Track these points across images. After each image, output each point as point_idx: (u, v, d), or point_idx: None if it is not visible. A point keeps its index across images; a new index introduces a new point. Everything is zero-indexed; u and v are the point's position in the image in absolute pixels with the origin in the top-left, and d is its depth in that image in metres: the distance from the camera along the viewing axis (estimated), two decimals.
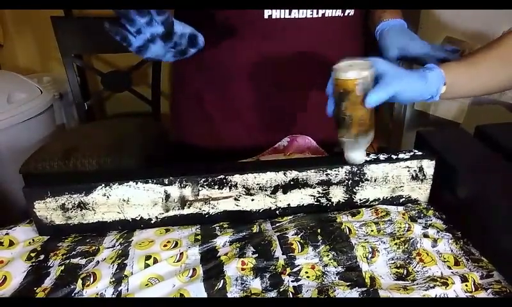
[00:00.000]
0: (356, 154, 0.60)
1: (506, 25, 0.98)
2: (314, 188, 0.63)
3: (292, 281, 0.51)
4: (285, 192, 0.63)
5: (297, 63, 0.75)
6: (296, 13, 0.72)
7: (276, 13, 0.71)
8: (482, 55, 0.61)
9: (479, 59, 0.61)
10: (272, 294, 0.49)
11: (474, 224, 0.57)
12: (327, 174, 0.62)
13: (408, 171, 0.64)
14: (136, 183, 0.59)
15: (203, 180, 0.60)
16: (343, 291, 0.49)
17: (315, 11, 0.72)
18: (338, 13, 0.74)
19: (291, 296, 0.49)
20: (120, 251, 0.57)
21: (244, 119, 0.82)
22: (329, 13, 0.73)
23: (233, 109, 0.82)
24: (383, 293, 0.48)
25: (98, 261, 0.55)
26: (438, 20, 1.20)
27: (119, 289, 0.50)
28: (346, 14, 0.75)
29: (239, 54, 0.70)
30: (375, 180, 0.64)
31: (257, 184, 0.61)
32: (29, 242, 0.60)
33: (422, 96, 0.59)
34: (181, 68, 0.87)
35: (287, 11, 0.71)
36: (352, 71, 0.54)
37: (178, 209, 0.62)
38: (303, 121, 0.82)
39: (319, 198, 0.64)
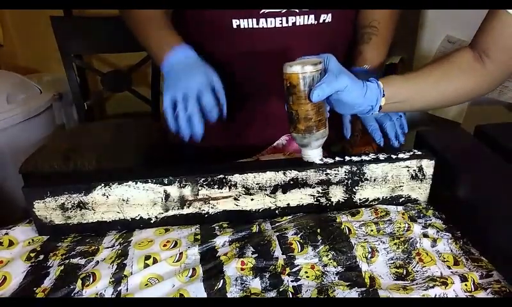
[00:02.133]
0: (309, 151, 0.60)
1: None
2: (314, 188, 0.63)
3: (292, 281, 0.51)
4: (284, 192, 0.63)
5: (266, 73, 0.75)
6: (263, 23, 0.72)
7: (244, 23, 0.72)
8: (427, 71, 0.63)
9: (423, 74, 0.63)
10: (272, 294, 0.49)
11: (474, 223, 0.57)
12: (326, 174, 0.62)
13: (408, 170, 0.64)
14: (136, 183, 0.59)
15: (202, 179, 0.60)
16: (342, 291, 0.49)
17: (284, 19, 0.72)
18: (311, 21, 0.73)
19: (291, 296, 0.49)
20: (120, 251, 0.57)
21: (242, 120, 0.82)
22: (300, 21, 0.73)
23: (233, 109, 0.82)
24: (382, 293, 0.48)
25: (97, 261, 0.55)
26: (438, 20, 1.20)
27: (118, 289, 0.50)
28: (321, 21, 0.74)
29: (210, 62, 0.71)
30: (374, 180, 0.64)
31: (257, 184, 0.61)
32: (29, 242, 0.60)
33: (361, 106, 0.60)
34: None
35: (255, 20, 0.72)
36: (296, 66, 0.54)
37: (178, 209, 0.62)
38: (283, 125, 0.82)
39: (319, 198, 0.64)
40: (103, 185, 0.58)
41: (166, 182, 0.60)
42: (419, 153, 0.65)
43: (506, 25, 0.58)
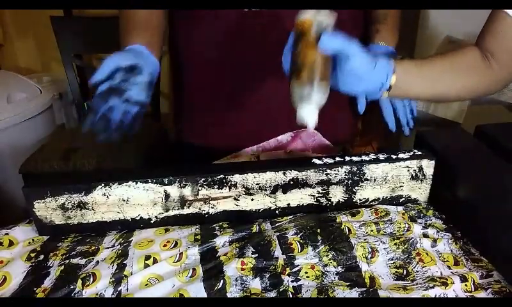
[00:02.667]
0: (306, 107, 0.56)
1: None
2: (314, 188, 0.63)
3: (292, 281, 0.51)
4: (284, 192, 0.63)
5: (266, 73, 0.75)
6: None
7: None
8: (436, 59, 0.62)
9: (431, 62, 0.61)
10: (272, 294, 0.49)
11: (474, 224, 0.57)
12: (327, 174, 0.62)
13: (408, 170, 0.64)
14: (136, 183, 0.59)
15: (202, 179, 0.60)
16: (342, 291, 0.49)
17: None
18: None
19: (291, 296, 0.49)
20: (120, 251, 0.57)
21: (243, 118, 0.82)
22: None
23: (232, 108, 0.82)
24: (382, 293, 0.48)
25: (97, 261, 0.55)
26: (438, 20, 1.20)
27: (118, 289, 0.50)
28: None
29: (210, 63, 0.71)
30: (375, 180, 0.64)
31: (257, 184, 0.61)
32: (29, 242, 0.60)
33: (370, 79, 0.56)
34: (181, 66, 0.87)
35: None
36: (310, 13, 0.53)
37: (178, 209, 0.62)
38: (284, 125, 0.82)
39: (319, 198, 0.64)
40: (103, 185, 0.58)
41: (166, 182, 0.60)
42: (419, 153, 0.65)
43: (509, 27, 0.58)
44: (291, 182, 0.62)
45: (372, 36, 0.80)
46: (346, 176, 0.63)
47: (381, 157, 0.64)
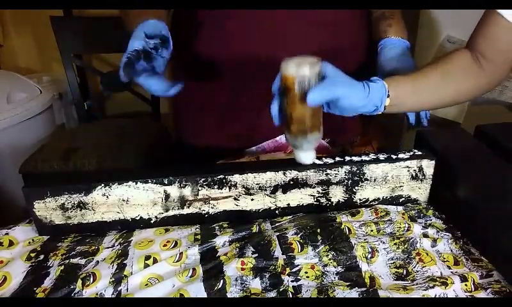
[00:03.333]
0: (301, 154, 0.59)
1: None
2: (314, 188, 0.63)
3: (292, 281, 0.51)
4: (284, 192, 0.63)
5: (266, 72, 0.74)
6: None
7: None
8: (427, 71, 0.62)
9: (424, 74, 0.62)
10: (272, 294, 0.49)
11: (474, 224, 0.57)
12: (326, 174, 0.62)
13: (408, 170, 0.64)
14: (136, 183, 0.59)
15: (202, 179, 0.60)
16: (342, 291, 0.49)
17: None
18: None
19: (291, 296, 0.49)
20: (120, 251, 0.57)
21: (243, 118, 0.82)
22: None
23: (232, 108, 0.82)
24: (382, 293, 0.48)
25: (97, 261, 0.55)
26: (438, 20, 1.20)
27: (118, 289, 0.50)
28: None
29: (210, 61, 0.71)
30: (375, 180, 0.64)
31: (257, 184, 0.61)
32: (29, 242, 0.60)
33: (365, 107, 0.58)
34: (182, 66, 0.87)
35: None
36: (292, 67, 0.52)
37: (178, 209, 0.62)
38: None
39: (319, 198, 0.64)
40: (103, 185, 0.58)
41: (166, 182, 0.60)
42: (419, 153, 0.65)
43: (501, 28, 0.58)
44: (291, 182, 0.62)
45: (386, 31, 0.80)
46: (346, 176, 0.63)
47: (381, 157, 0.64)
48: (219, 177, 0.60)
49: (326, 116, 0.58)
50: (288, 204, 0.64)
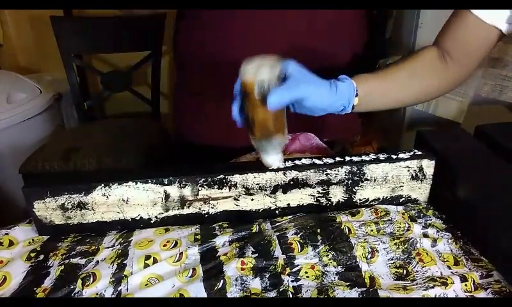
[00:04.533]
0: (267, 157, 0.58)
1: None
2: (314, 188, 0.63)
3: (292, 281, 0.51)
4: (284, 192, 0.63)
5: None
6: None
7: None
8: (395, 69, 0.62)
9: (392, 73, 0.62)
10: (272, 294, 0.49)
11: (474, 224, 0.57)
12: (327, 174, 0.62)
13: (408, 170, 0.64)
14: (136, 183, 0.59)
15: (202, 179, 0.60)
16: (342, 291, 0.48)
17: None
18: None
19: (291, 296, 0.49)
20: (120, 251, 0.57)
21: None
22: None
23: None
24: (382, 293, 0.48)
25: (97, 261, 0.55)
26: (438, 20, 1.19)
27: (119, 289, 0.50)
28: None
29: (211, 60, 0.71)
30: (375, 180, 0.64)
31: (257, 184, 0.61)
32: (29, 242, 0.60)
33: (332, 107, 0.57)
34: (183, 67, 0.87)
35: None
36: (251, 71, 0.51)
37: (178, 209, 0.62)
38: (303, 119, 0.82)
39: (319, 198, 0.64)
40: (103, 185, 0.58)
41: (166, 182, 0.60)
42: (419, 153, 0.65)
43: (470, 27, 0.58)
44: (291, 182, 0.62)
45: None
46: (346, 176, 0.63)
47: (381, 157, 0.64)
48: (219, 177, 0.60)
49: (323, 116, 0.58)
50: (288, 204, 0.64)
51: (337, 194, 0.64)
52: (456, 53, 0.61)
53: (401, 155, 0.64)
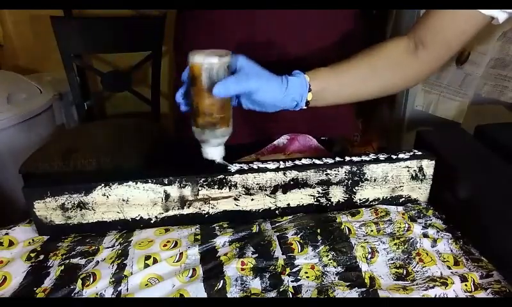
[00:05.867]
0: (208, 149, 0.56)
1: (506, 25, 0.98)
2: (314, 188, 0.63)
3: (292, 281, 0.51)
4: (284, 192, 0.63)
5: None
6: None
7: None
8: (356, 62, 0.61)
9: (351, 66, 0.60)
10: (272, 294, 0.49)
11: (474, 224, 0.57)
12: (327, 174, 0.62)
13: (408, 170, 0.64)
14: (136, 183, 0.59)
15: (202, 179, 0.60)
16: (342, 292, 0.49)
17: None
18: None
19: (291, 296, 0.49)
20: (120, 251, 0.57)
21: (242, 117, 0.82)
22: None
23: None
24: (382, 294, 0.48)
25: (97, 261, 0.55)
26: None
27: (119, 289, 0.50)
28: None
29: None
30: (375, 180, 0.64)
31: (257, 184, 0.61)
32: (29, 242, 0.60)
33: (283, 102, 0.56)
34: (183, 67, 0.87)
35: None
36: (199, 56, 0.50)
37: (178, 209, 0.62)
38: (284, 123, 0.82)
39: (319, 198, 0.64)
40: (103, 185, 0.58)
41: (166, 182, 0.60)
42: (419, 153, 0.65)
43: (448, 18, 0.57)
44: (291, 182, 0.62)
45: None
46: (346, 176, 0.63)
47: (381, 157, 0.64)
48: (219, 177, 0.60)
49: (318, 114, 0.57)
50: (288, 204, 0.64)
51: (337, 194, 0.64)
52: (432, 45, 0.59)
53: (401, 155, 0.64)
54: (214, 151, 0.57)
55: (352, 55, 0.62)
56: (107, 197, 0.59)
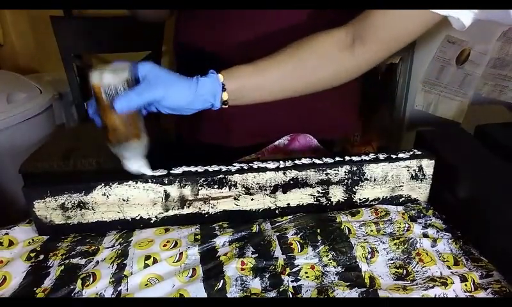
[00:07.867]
0: (128, 164, 0.58)
1: (506, 25, 0.98)
2: (314, 187, 0.63)
3: (292, 281, 0.51)
4: (284, 192, 0.63)
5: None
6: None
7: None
8: (280, 58, 0.58)
9: (274, 63, 0.58)
10: (272, 294, 0.49)
11: (474, 223, 0.57)
12: (326, 174, 0.62)
13: (408, 170, 0.64)
14: (136, 183, 0.59)
15: (202, 179, 0.60)
16: (342, 292, 0.49)
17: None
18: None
19: (291, 296, 0.49)
20: (120, 251, 0.57)
21: (243, 118, 0.82)
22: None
23: (230, 108, 0.82)
24: (382, 294, 0.48)
25: (97, 261, 0.55)
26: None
27: (118, 289, 0.50)
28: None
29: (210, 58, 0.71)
30: (374, 180, 0.64)
31: (257, 184, 0.61)
32: (29, 242, 0.60)
33: (194, 104, 0.55)
34: (183, 67, 0.87)
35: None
36: (96, 77, 0.51)
37: (178, 209, 0.62)
38: (303, 120, 0.82)
39: (319, 198, 0.64)
40: (103, 185, 0.58)
41: (166, 182, 0.60)
42: (419, 152, 0.65)
43: (390, 16, 0.55)
44: (291, 182, 0.62)
45: None
46: (346, 176, 0.63)
47: (381, 156, 0.64)
48: (219, 177, 0.60)
49: (318, 114, 0.57)
50: (288, 204, 0.64)
51: (337, 194, 0.64)
52: (371, 41, 0.57)
53: (401, 155, 0.64)
54: (131, 164, 0.58)
55: (281, 50, 0.59)
56: (107, 197, 0.59)
